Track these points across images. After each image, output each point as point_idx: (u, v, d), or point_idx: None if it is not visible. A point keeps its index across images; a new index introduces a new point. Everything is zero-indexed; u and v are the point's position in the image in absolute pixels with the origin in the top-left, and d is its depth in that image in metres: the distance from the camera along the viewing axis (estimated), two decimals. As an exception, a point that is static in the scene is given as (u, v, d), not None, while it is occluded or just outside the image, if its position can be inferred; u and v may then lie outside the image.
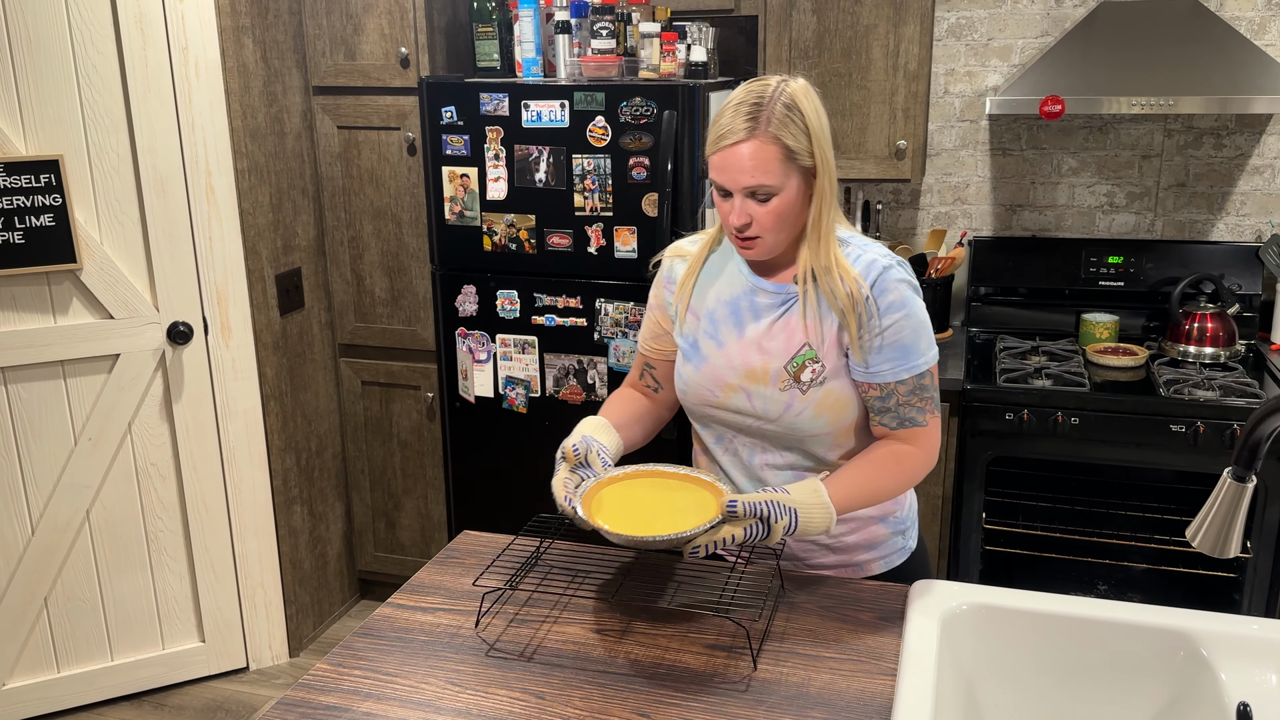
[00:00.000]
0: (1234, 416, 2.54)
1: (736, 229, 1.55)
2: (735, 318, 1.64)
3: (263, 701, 3.00)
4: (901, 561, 1.75)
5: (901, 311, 1.55)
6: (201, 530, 3.00)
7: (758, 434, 1.65)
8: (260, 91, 2.91)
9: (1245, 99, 2.59)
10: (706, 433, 1.73)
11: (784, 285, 1.62)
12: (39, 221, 2.63)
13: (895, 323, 1.55)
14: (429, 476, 3.32)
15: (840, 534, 1.69)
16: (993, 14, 3.09)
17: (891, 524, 1.72)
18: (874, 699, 1.33)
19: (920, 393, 1.58)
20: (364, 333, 3.27)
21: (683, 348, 1.70)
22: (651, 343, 1.78)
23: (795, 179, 1.52)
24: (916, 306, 1.57)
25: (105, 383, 2.80)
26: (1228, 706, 1.35)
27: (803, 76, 1.57)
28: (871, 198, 3.25)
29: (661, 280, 1.76)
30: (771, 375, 1.60)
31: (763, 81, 1.54)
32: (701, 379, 1.66)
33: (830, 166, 1.54)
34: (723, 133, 1.51)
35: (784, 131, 1.49)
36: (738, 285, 1.65)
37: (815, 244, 1.56)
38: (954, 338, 3.14)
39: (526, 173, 2.83)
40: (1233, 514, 1.23)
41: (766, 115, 1.49)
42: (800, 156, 1.51)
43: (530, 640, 1.49)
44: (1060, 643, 1.48)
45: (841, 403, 1.60)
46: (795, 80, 1.54)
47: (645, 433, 1.78)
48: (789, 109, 1.50)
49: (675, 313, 1.72)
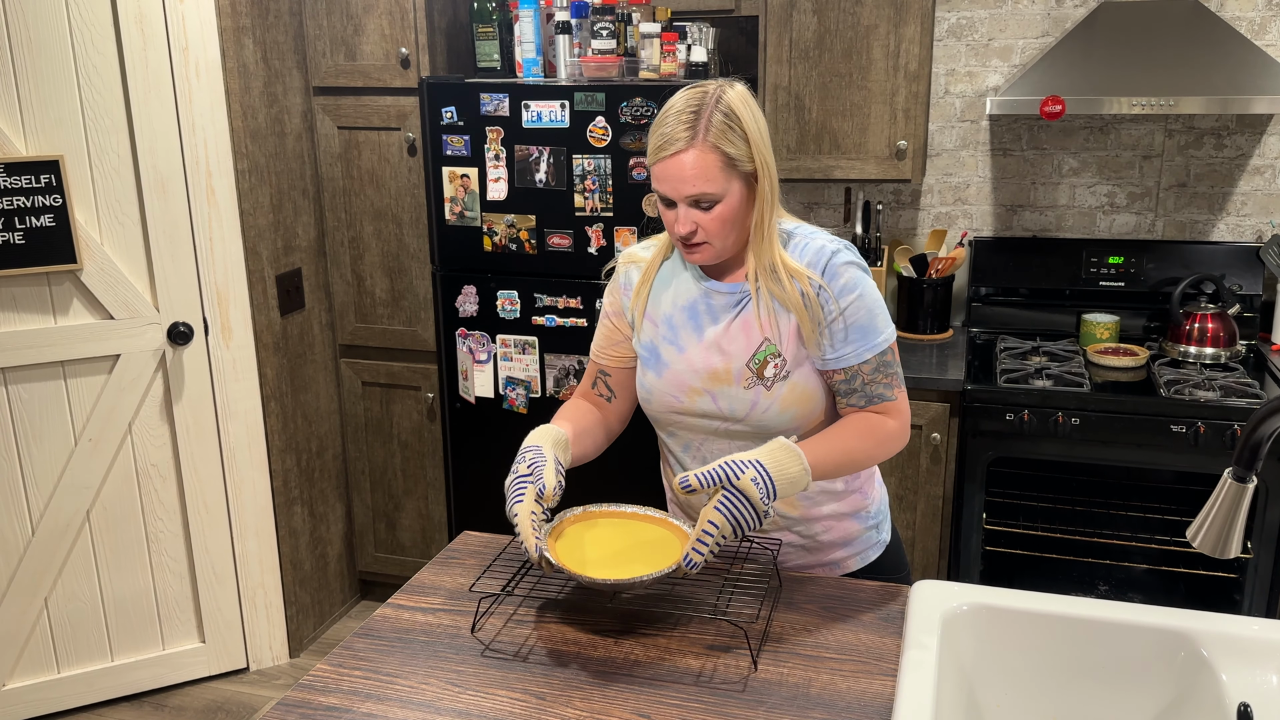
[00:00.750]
0: (1234, 417, 2.54)
1: (682, 237, 1.55)
2: (693, 321, 1.64)
3: (263, 702, 3.00)
4: (877, 556, 1.76)
5: (855, 293, 1.56)
6: (202, 531, 3.00)
7: (725, 435, 1.65)
8: (261, 92, 2.91)
9: (1246, 99, 2.59)
10: (673, 441, 1.72)
11: (737, 285, 1.62)
12: (39, 222, 2.63)
13: (850, 304, 1.56)
14: (429, 477, 3.32)
15: (815, 533, 1.69)
16: (993, 14, 3.08)
17: (863, 519, 1.73)
18: (874, 699, 1.33)
19: (884, 369, 1.59)
20: (364, 333, 3.27)
21: (642, 355, 1.70)
22: (608, 350, 1.76)
23: (737, 184, 1.52)
24: (868, 286, 1.58)
25: (105, 383, 2.80)
26: (1228, 707, 1.35)
27: (740, 83, 1.56)
28: (872, 198, 3.25)
29: (618, 287, 1.75)
30: (735, 375, 1.60)
31: (700, 89, 1.53)
32: (664, 385, 1.66)
33: (771, 169, 1.54)
34: (662, 143, 1.51)
35: (723, 139, 1.49)
36: (692, 290, 1.65)
37: (759, 245, 1.57)
38: (954, 338, 3.13)
39: (527, 173, 2.83)
40: (1233, 514, 1.23)
41: (705, 124, 1.49)
42: (741, 162, 1.51)
43: (530, 641, 1.49)
44: (1061, 643, 1.48)
45: (807, 395, 1.60)
46: (733, 86, 1.54)
47: (596, 446, 1.74)
48: (727, 116, 1.50)
49: (633, 319, 1.71)
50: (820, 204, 3.35)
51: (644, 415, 1.77)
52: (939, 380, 2.73)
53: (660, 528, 1.63)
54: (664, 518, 1.65)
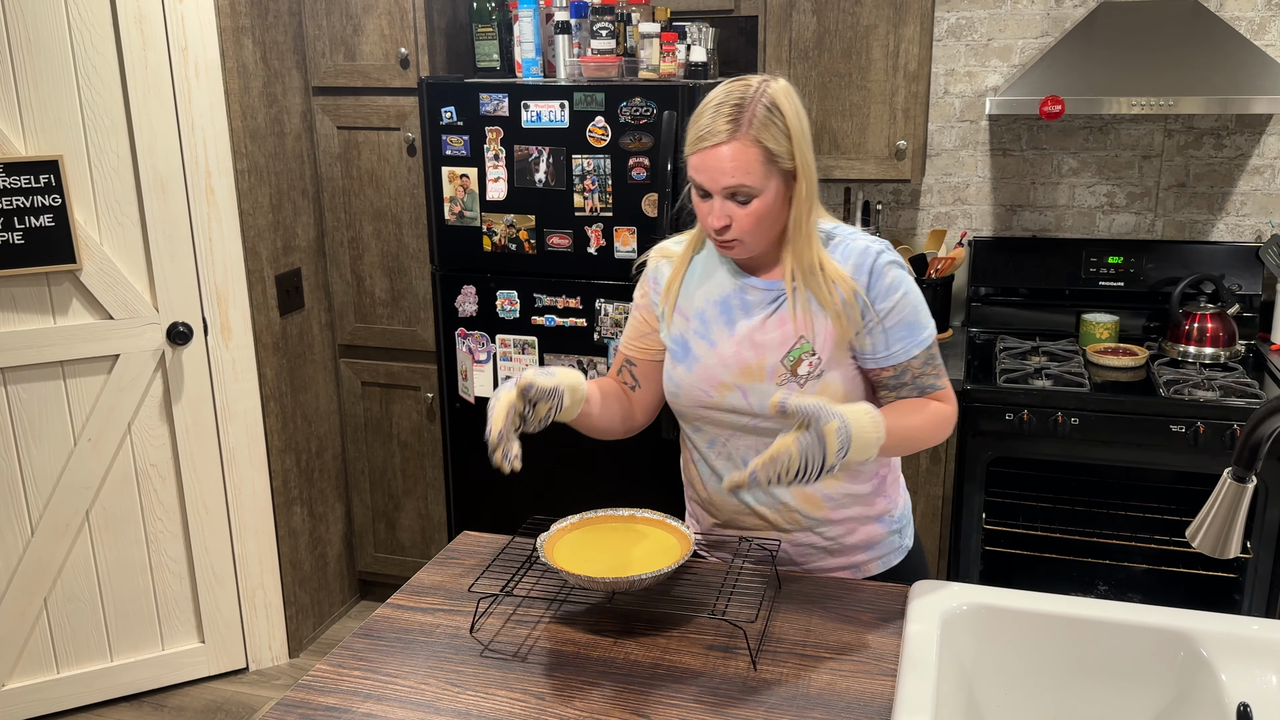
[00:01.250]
0: (1234, 417, 2.54)
1: (715, 230, 1.54)
2: (726, 316, 1.63)
3: (262, 702, 3.00)
4: (899, 561, 1.75)
5: (900, 291, 1.57)
6: (201, 531, 3.00)
7: (753, 431, 1.64)
8: (260, 92, 2.91)
9: (1245, 99, 2.59)
10: (698, 436, 1.71)
11: (774, 282, 1.61)
12: (39, 222, 2.63)
13: (896, 303, 1.57)
14: (429, 477, 3.32)
15: (838, 535, 1.69)
16: (993, 14, 3.09)
17: (887, 523, 1.72)
18: (874, 699, 1.33)
19: (931, 361, 1.61)
20: (364, 333, 3.27)
21: (672, 349, 1.69)
22: (636, 342, 1.76)
23: (775, 181, 1.52)
24: (910, 284, 1.59)
25: (105, 383, 2.80)
26: (1228, 707, 1.35)
27: (784, 78, 1.56)
28: (871, 198, 3.25)
29: (647, 280, 1.75)
30: (768, 371, 1.59)
31: (744, 81, 1.52)
32: (694, 379, 1.65)
33: (810, 170, 1.53)
34: (703, 133, 1.50)
35: (765, 133, 1.48)
36: (727, 284, 1.64)
37: (799, 247, 1.56)
38: (954, 338, 3.13)
39: (526, 173, 2.83)
40: (1233, 514, 1.23)
41: (748, 116, 1.48)
42: (781, 159, 1.50)
43: (529, 641, 1.49)
44: (1060, 643, 1.48)
45: (840, 394, 1.59)
46: (777, 81, 1.53)
47: (612, 420, 1.72)
48: (770, 110, 1.49)
49: (662, 313, 1.71)
50: (820, 204, 3.34)
51: (634, 432, 1.77)
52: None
53: (659, 529, 1.63)
54: (662, 519, 1.65)
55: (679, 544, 1.58)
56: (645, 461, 2.87)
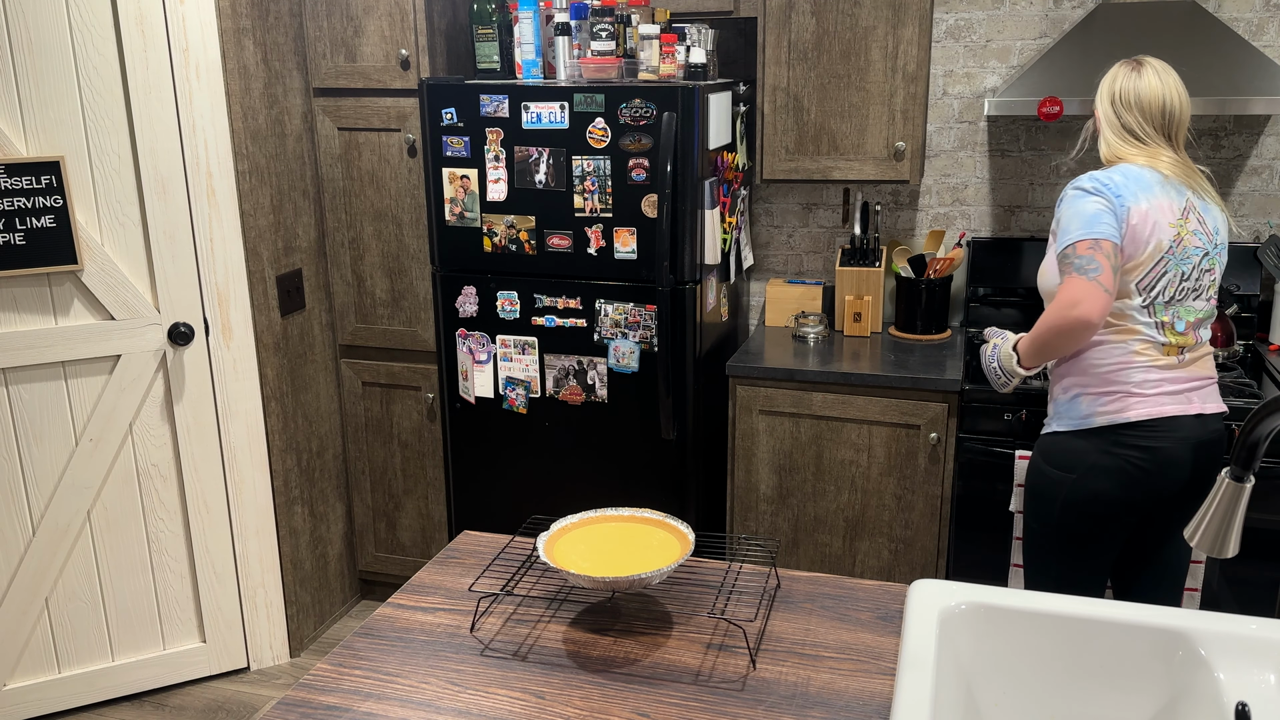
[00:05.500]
0: (1232, 417, 2.54)
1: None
2: None
3: (263, 702, 3.00)
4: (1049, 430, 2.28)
5: (1061, 204, 2.17)
6: (202, 531, 3.00)
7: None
8: (261, 93, 2.91)
9: (1243, 100, 2.59)
10: None
11: None
12: (40, 223, 2.64)
13: (1059, 212, 2.17)
14: (429, 477, 3.32)
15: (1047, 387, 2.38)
16: (991, 15, 3.09)
17: (1055, 397, 2.30)
18: (873, 699, 1.34)
19: (1063, 260, 2.12)
20: (365, 333, 3.28)
21: None
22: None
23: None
24: (1071, 203, 2.13)
25: (106, 384, 2.81)
26: (1226, 706, 1.36)
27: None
28: (870, 198, 3.26)
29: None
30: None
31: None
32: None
33: (1105, 112, 2.30)
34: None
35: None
36: None
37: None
38: (952, 338, 3.14)
39: (526, 174, 2.83)
40: (1231, 514, 1.23)
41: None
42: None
43: (529, 640, 1.50)
44: (1059, 643, 1.48)
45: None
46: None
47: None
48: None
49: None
50: (819, 204, 3.35)
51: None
52: (937, 380, 2.74)
53: (659, 529, 1.64)
54: (662, 519, 1.65)
55: (679, 544, 1.59)
56: (645, 461, 2.87)
